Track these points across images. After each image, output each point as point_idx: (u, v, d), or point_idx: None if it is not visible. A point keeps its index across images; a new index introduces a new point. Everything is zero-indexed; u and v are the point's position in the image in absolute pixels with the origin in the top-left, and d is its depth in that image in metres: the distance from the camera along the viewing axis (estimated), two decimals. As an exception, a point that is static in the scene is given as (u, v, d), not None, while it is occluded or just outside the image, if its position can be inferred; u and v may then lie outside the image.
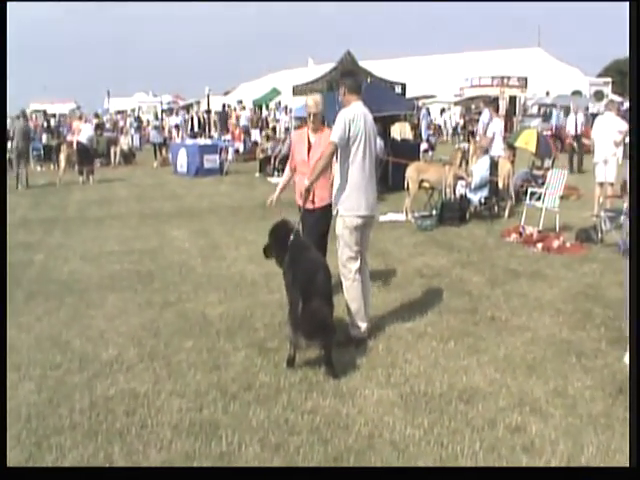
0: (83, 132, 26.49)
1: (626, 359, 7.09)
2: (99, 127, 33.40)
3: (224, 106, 43.75)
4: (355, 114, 7.49)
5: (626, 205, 12.65)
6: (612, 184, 15.71)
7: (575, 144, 26.18)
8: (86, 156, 25.76)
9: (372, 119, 7.77)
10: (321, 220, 8.42)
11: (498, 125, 17.75)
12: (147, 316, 8.80)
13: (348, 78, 8.04)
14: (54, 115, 58.94)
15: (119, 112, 62.61)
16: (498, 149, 17.25)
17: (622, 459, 5.18)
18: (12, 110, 30.02)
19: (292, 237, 7.31)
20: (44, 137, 35.18)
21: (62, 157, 26.15)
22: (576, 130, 26.16)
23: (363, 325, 7.74)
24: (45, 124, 46.77)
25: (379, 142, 19.71)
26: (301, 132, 9.00)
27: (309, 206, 8.19)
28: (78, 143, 25.91)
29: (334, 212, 7.80)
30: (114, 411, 6.10)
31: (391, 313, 8.73)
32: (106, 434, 5.67)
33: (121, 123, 48.94)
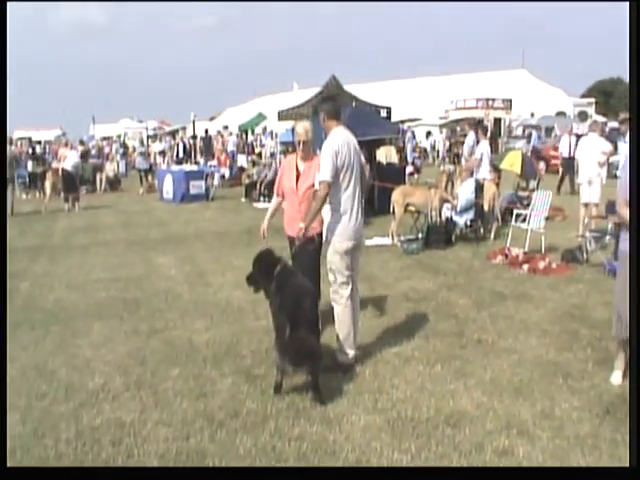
0: (68, 159, 26.43)
1: (613, 379, 7.11)
2: (85, 154, 33.39)
3: (206, 131, 43.72)
4: (339, 144, 7.47)
5: (610, 225, 12.73)
6: (597, 205, 15.78)
7: (564, 165, 25.97)
8: (71, 183, 25.68)
9: (355, 142, 7.79)
10: (314, 249, 8.25)
11: (485, 147, 17.81)
12: (133, 344, 8.77)
13: (326, 103, 8.10)
14: (39, 142, 58.93)
15: (105, 138, 62.59)
16: (485, 171, 17.30)
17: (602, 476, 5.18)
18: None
19: (279, 267, 7.31)
20: (29, 164, 35.06)
21: (47, 184, 26.07)
22: (570, 151, 25.98)
23: (351, 352, 7.72)
24: (30, 151, 46.68)
25: (365, 166, 19.79)
26: (290, 159, 8.85)
27: (294, 234, 8.09)
28: (63, 170, 25.82)
29: (327, 240, 7.71)
30: (100, 441, 6.05)
31: (378, 338, 8.73)
32: (92, 464, 5.63)
33: (107, 149, 48.86)
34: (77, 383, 7.45)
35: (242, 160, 36.47)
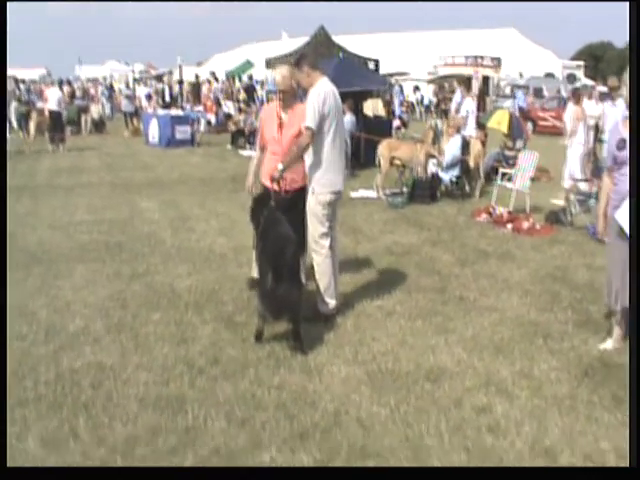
0: (51, 97, 26.13)
1: (602, 345, 7.10)
2: (70, 95, 33.05)
3: (197, 77, 43.36)
4: (325, 92, 7.41)
5: (595, 189, 12.73)
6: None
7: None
8: (58, 124, 25.46)
9: (338, 94, 7.74)
10: (298, 203, 7.94)
11: (471, 104, 17.75)
12: (115, 287, 8.74)
13: (308, 56, 7.99)
14: (23, 81, 58.14)
15: (90, 80, 61.94)
16: (471, 129, 17.27)
17: (585, 442, 5.22)
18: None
19: (265, 212, 7.31)
20: (13, 104, 34.65)
21: (32, 124, 25.83)
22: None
23: (332, 302, 7.72)
24: (17, 91, 46.13)
25: (351, 117, 19.72)
26: (270, 108, 8.51)
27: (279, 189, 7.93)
28: (50, 111, 25.56)
29: (309, 190, 7.63)
30: (80, 383, 6.05)
31: (360, 290, 8.74)
32: (71, 407, 5.63)
33: (92, 91, 48.33)
34: (58, 325, 7.43)
35: (229, 107, 36.16)
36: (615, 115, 13.76)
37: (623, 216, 6.50)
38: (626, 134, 6.55)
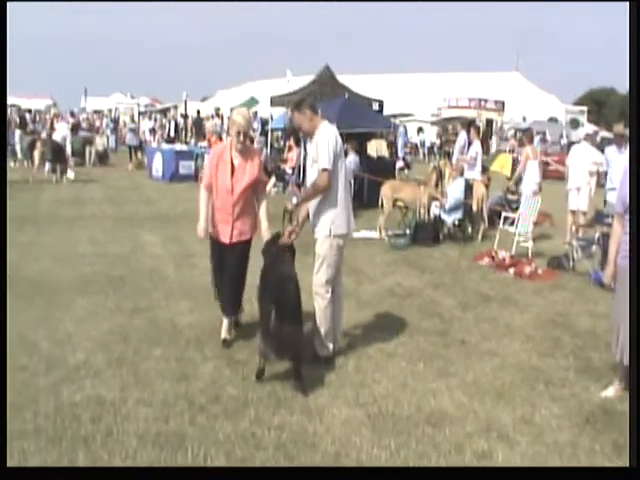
0: (58, 131, 26.29)
1: (604, 393, 7.08)
2: (75, 127, 33.19)
3: (198, 112, 43.57)
4: (334, 134, 7.42)
5: (597, 235, 12.76)
6: (585, 213, 15.80)
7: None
8: (60, 154, 25.52)
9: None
10: (243, 256, 7.90)
11: (479, 147, 17.83)
12: (116, 321, 8.73)
13: (307, 100, 8.03)
14: (29, 110, 58.40)
15: (96, 111, 62.29)
16: (476, 172, 17.32)
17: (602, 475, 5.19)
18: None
19: (266, 248, 7.36)
20: (17, 133, 34.73)
21: (36, 154, 25.89)
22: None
23: (331, 345, 7.70)
24: (18, 120, 46.32)
25: (355, 158, 19.82)
26: (222, 149, 8.00)
27: (226, 240, 7.79)
28: (52, 141, 25.65)
29: (324, 233, 7.47)
30: (79, 417, 6.02)
31: (362, 332, 8.74)
32: (71, 440, 5.60)
33: (97, 123, 48.61)
34: (58, 357, 7.40)
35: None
36: (622, 161, 13.78)
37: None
38: None
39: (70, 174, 24.88)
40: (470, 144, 18.30)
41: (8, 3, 6.34)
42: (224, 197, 7.77)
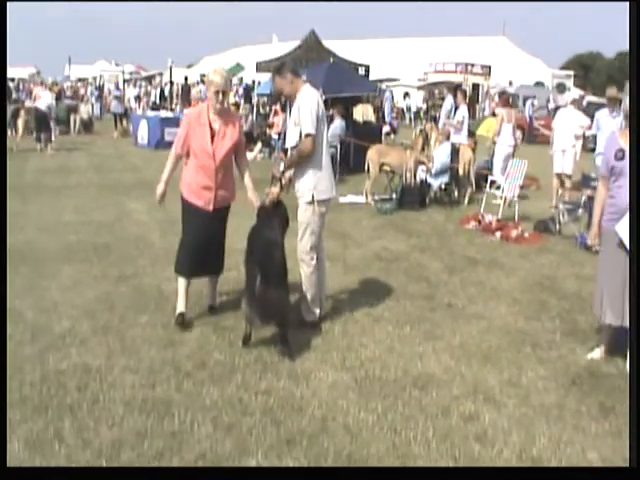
0: (42, 99, 26.00)
1: (590, 355, 7.10)
2: (59, 94, 32.97)
3: (186, 79, 43.29)
4: (316, 98, 7.36)
5: (584, 198, 12.76)
6: (569, 176, 15.78)
7: None
8: (44, 123, 25.32)
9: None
10: (224, 222, 7.72)
11: (465, 112, 17.76)
12: (102, 289, 8.69)
13: (288, 64, 7.99)
14: (12, 79, 57.97)
15: (80, 79, 61.76)
16: (463, 136, 17.27)
17: (572, 451, 5.23)
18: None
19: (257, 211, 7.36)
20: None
21: (20, 123, 25.69)
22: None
23: (317, 311, 7.70)
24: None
25: (341, 122, 19.73)
26: (199, 112, 7.52)
27: (209, 207, 7.43)
28: (36, 109, 25.44)
29: (307, 199, 7.40)
30: (65, 385, 6.01)
31: (349, 296, 8.73)
32: (57, 409, 5.58)
33: (82, 91, 48.20)
34: (44, 325, 7.37)
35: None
36: (612, 125, 13.77)
37: (624, 229, 6.48)
38: (625, 145, 6.53)
39: (50, 150, 24.63)
40: (457, 108, 18.24)
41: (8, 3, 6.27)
42: (205, 162, 7.33)
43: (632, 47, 6.70)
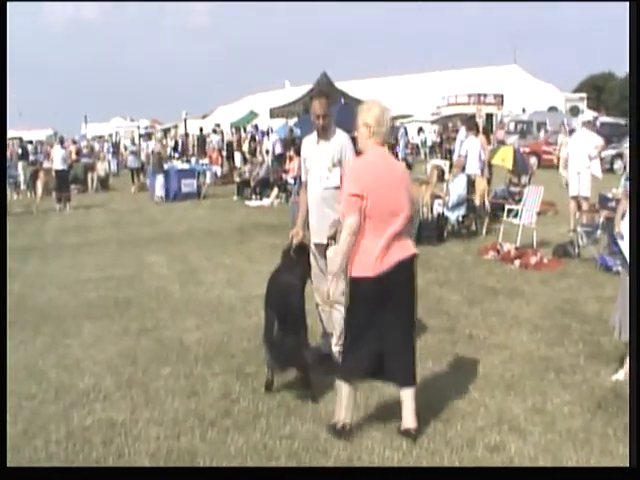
0: (56, 156, 26.33)
1: (615, 377, 7.05)
2: (77, 153, 33.39)
3: (201, 130, 43.68)
4: None
5: (602, 220, 12.72)
6: (586, 198, 15.72)
7: None
8: (64, 182, 25.63)
9: None
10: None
11: (472, 143, 17.70)
12: (124, 344, 8.73)
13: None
14: (31, 142, 58.64)
15: (97, 137, 62.41)
16: (474, 167, 17.24)
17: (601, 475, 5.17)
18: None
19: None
20: (20, 165, 34.85)
21: (39, 184, 26.00)
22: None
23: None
24: (20, 151, 46.43)
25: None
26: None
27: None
28: (56, 170, 25.77)
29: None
30: (91, 441, 6.03)
31: (369, 334, 8.69)
32: (83, 465, 5.60)
33: (97, 147, 48.64)
34: (67, 383, 7.41)
35: (238, 158, 36.09)
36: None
37: (624, 241, 6.47)
38: None
39: (68, 209, 24.90)
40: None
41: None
42: None
43: (632, 47, 6.70)
